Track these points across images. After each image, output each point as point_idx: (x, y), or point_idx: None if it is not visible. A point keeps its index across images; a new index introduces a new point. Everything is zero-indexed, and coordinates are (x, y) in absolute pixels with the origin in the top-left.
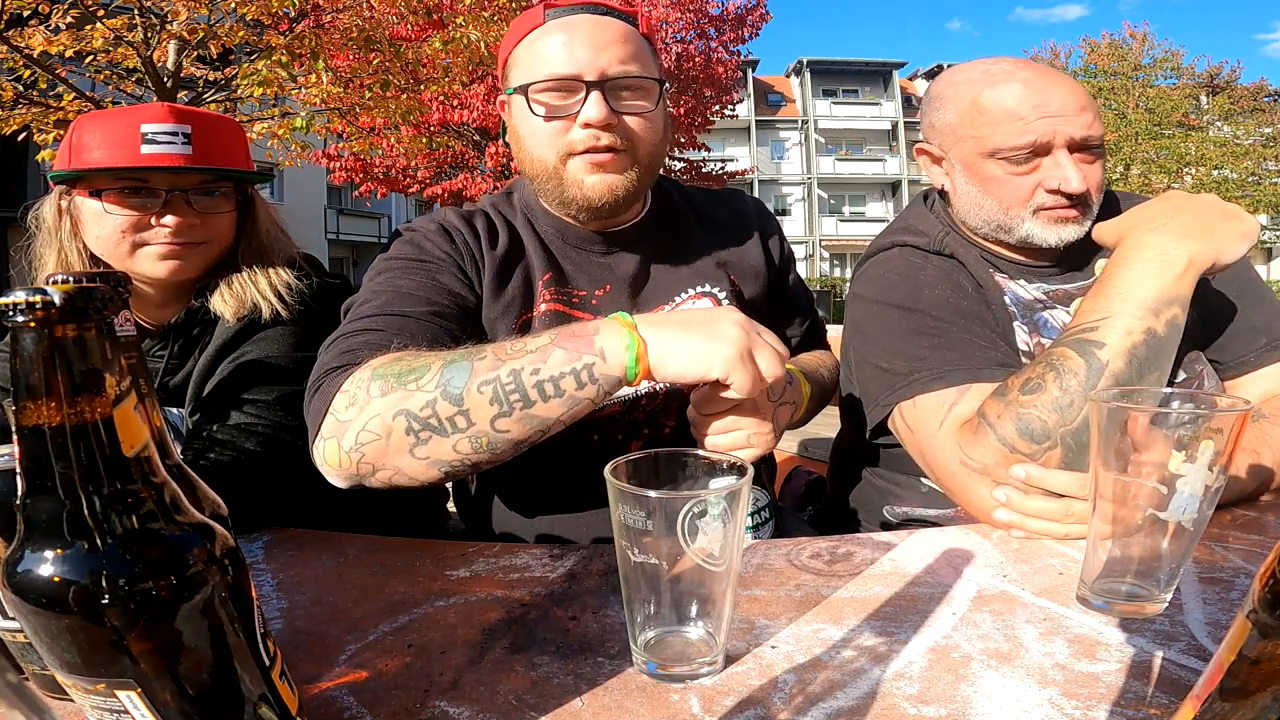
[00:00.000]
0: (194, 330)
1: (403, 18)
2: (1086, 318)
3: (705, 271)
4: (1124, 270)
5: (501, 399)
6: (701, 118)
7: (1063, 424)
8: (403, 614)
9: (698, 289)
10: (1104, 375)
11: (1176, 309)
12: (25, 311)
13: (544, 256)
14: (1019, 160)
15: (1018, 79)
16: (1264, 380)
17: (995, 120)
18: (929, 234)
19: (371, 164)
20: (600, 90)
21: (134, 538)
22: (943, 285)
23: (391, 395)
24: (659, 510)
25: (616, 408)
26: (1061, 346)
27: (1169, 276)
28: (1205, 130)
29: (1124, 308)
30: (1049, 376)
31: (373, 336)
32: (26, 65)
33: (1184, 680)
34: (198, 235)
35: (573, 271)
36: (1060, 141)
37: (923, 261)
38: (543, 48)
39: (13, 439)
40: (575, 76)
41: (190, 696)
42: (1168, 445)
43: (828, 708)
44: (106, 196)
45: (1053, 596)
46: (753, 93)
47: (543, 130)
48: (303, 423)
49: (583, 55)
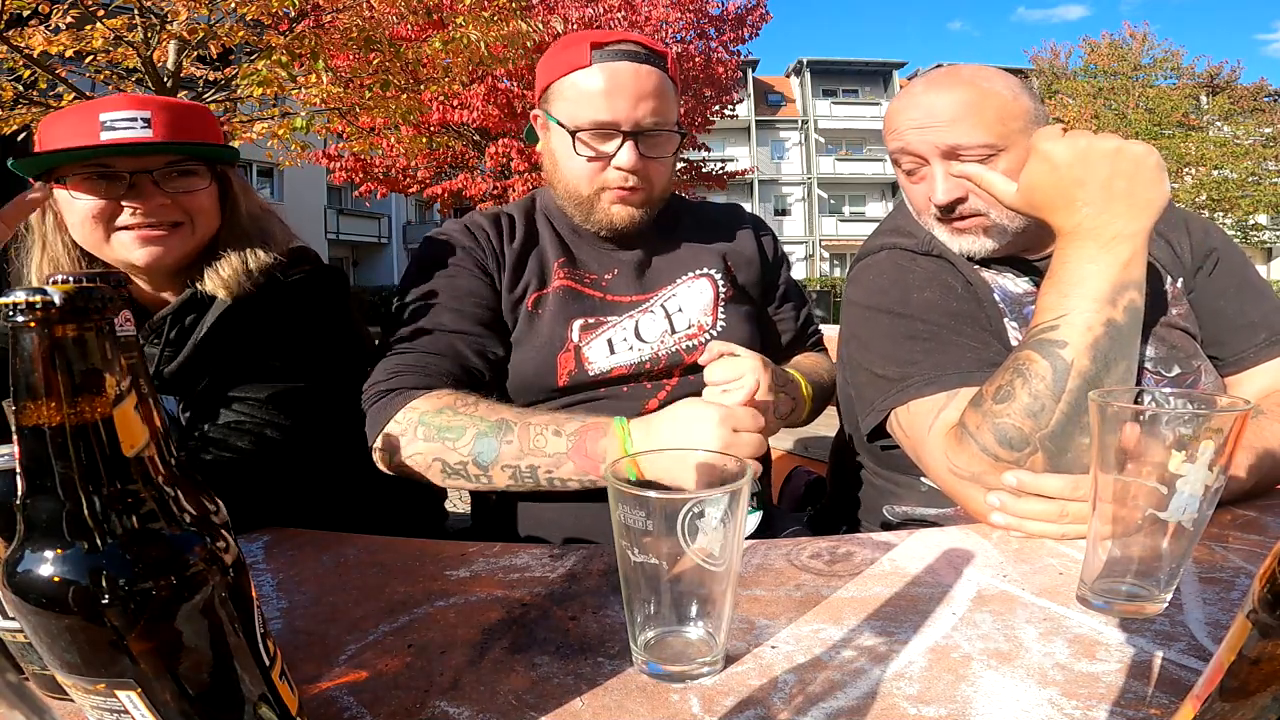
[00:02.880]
0: (188, 318)
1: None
2: (1045, 316)
3: (702, 257)
4: (1070, 265)
5: (519, 479)
6: (701, 118)
7: (1038, 429)
8: (403, 614)
9: (696, 271)
10: (1070, 374)
11: (1133, 293)
12: (25, 311)
13: (558, 244)
14: (908, 170)
15: (910, 92)
16: (1263, 376)
17: (889, 131)
18: (916, 235)
19: (371, 164)
20: (634, 140)
21: (134, 538)
22: (932, 287)
23: (432, 444)
24: (659, 510)
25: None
26: (1026, 350)
27: (1118, 264)
28: (1205, 130)
29: (1080, 303)
30: (1017, 383)
31: (410, 358)
32: (26, 65)
33: (1184, 680)
34: (170, 216)
35: (585, 258)
36: (927, 151)
37: (910, 264)
38: (588, 91)
39: (13, 439)
40: (614, 124)
41: (190, 696)
42: (1167, 445)
43: (828, 708)
44: (71, 183)
45: (1053, 596)
46: (753, 93)
47: (582, 167)
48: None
49: (623, 107)
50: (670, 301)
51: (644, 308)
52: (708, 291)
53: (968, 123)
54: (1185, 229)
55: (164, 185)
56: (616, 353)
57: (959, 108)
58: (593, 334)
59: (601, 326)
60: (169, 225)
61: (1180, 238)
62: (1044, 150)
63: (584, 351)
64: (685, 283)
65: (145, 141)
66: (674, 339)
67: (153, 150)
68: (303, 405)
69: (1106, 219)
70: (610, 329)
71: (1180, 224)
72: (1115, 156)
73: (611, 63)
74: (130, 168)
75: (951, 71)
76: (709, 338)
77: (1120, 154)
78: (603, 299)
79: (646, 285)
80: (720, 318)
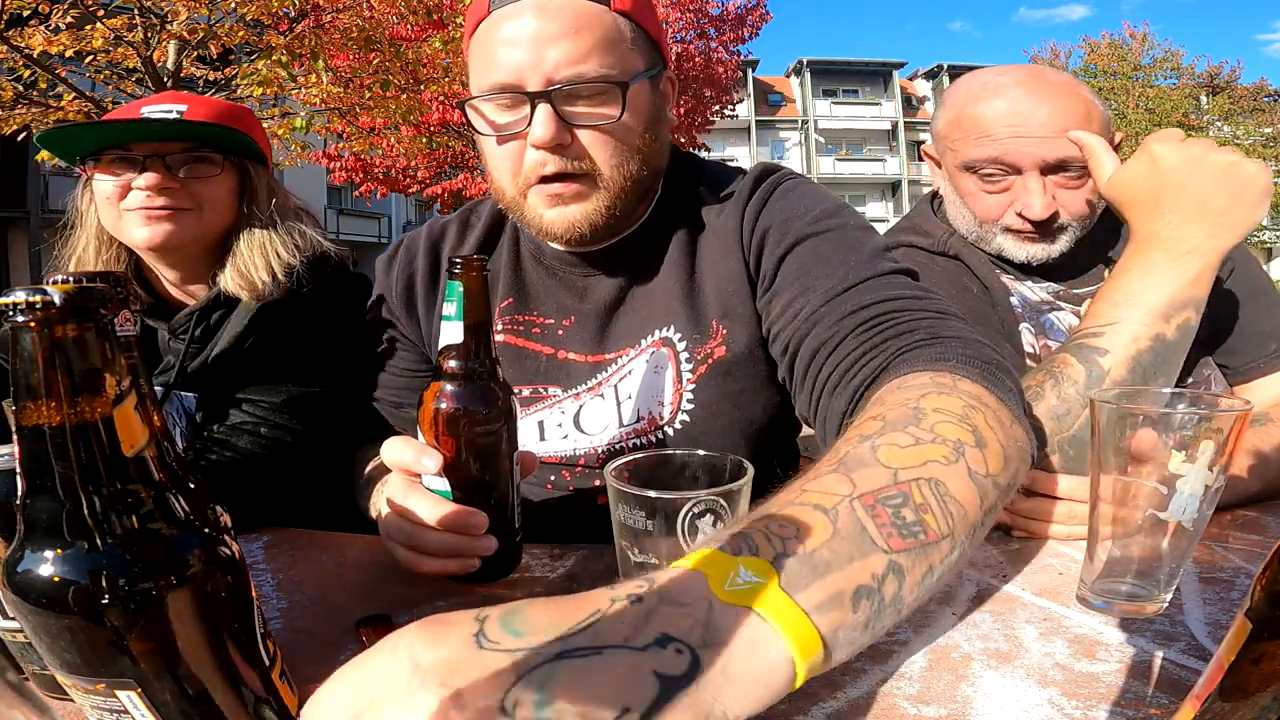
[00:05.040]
0: (213, 316)
1: (403, 18)
2: (1093, 322)
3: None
4: (1133, 274)
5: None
6: (701, 118)
7: (1058, 431)
8: (403, 614)
9: (659, 333)
10: (1105, 382)
11: (1190, 311)
12: (25, 311)
13: (510, 278)
14: (990, 178)
15: (1006, 95)
16: (1273, 385)
17: (970, 135)
18: (933, 235)
19: (371, 164)
20: (547, 101)
21: (134, 538)
22: (946, 287)
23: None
24: (659, 510)
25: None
26: (1064, 353)
27: (1183, 281)
28: (1205, 130)
29: (1133, 314)
30: (1048, 384)
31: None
32: (26, 65)
33: (1184, 680)
34: (178, 200)
35: (540, 295)
36: (1029, 164)
37: (927, 262)
38: (486, 49)
39: (13, 439)
40: (515, 85)
41: (190, 696)
42: (1168, 445)
43: (828, 708)
44: (97, 166)
45: (1053, 596)
46: (753, 93)
47: (496, 155)
48: (306, 426)
49: (526, 55)
50: (624, 382)
51: (595, 383)
52: (665, 369)
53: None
54: None
55: (176, 170)
56: (547, 439)
57: (1066, 119)
58: (526, 410)
59: (538, 403)
60: (175, 209)
61: None
62: (1154, 150)
63: None
64: (647, 351)
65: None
66: (620, 432)
67: (168, 135)
68: (316, 410)
69: (1188, 232)
70: (546, 408)
71: None
72: (1226, 172)
73: (507, 6)
74: (146, 151)
75: (1040, 75)
76: (659, 437)
77: (1232, 170)
78: (551, 357)
79: (608, 345)
80: (684, 410)
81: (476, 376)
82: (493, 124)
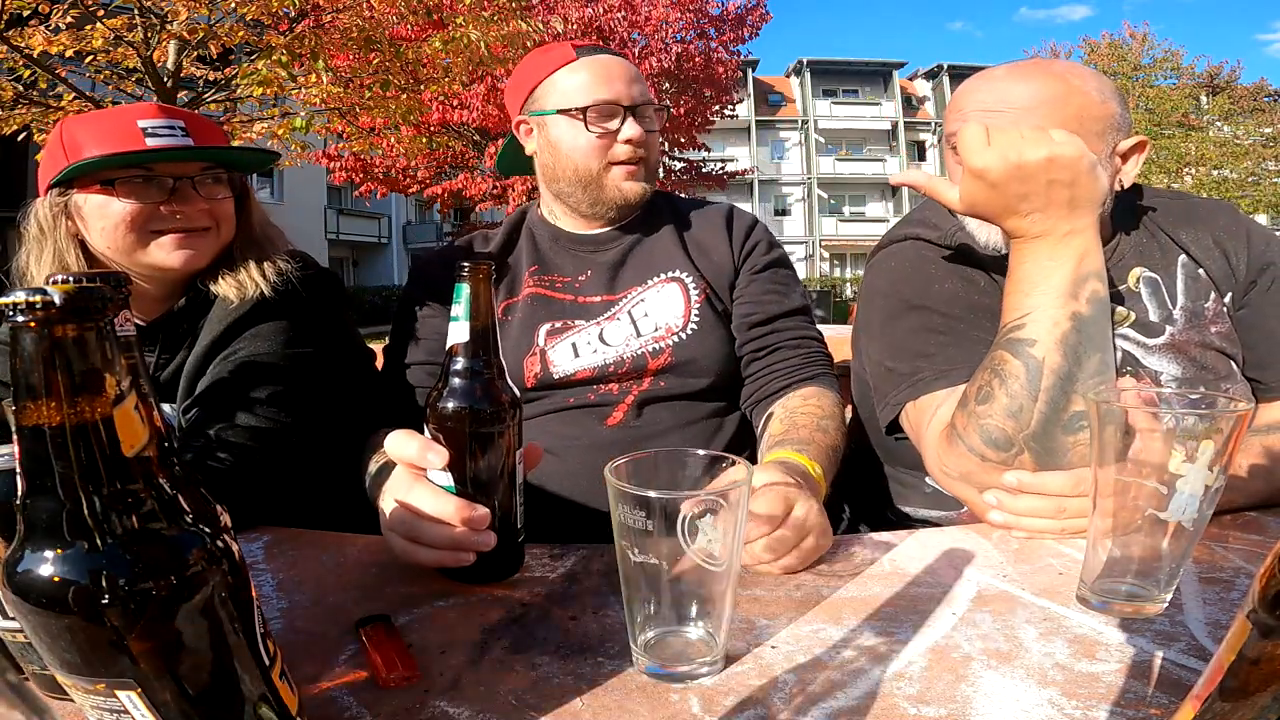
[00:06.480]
0: (181, 326)
1: (403, 18)
2: (1011, 316)
3: (675, 260)
4: (1027, 265)
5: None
6: (701, 118)
7: (1020, 429)
8: (403, 614)
9: (666, 275)
10: (1043, 372)
11: (1094, 283)
12: (25, 311)
13: (533, 253)
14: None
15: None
16: None
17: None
18: (941, 227)
19: (371, 164)
20: (634, 115)
21: (134, 538)
22: (953, 279)
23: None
24: (659, 510)
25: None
26: (999, 350)
27: (1076, 257)
28: (1205, 130)
29: (1043, 299)
30: (995, 383)
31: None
32: (26, 65)
33: (1184, 680)
34: (204, 222)
35: (560, 263)
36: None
37: (935, 254)
38: (585, 79)
39: (13, 439)
40: (616, 102)
41: (190, 696)
42: (1167, 445)
43: (828, 708)
44: (119, 187)
45: (1053, 596)
46: (753, 93)
47: (591, 145)
48: (296, 421)
49: (620, 87)
50: (637, 307)
51: (611, 313)
52: (677, 296)
53: (1042, 115)
54: (1246, 240)
55: (200, 191)
56: (580, 356)
57: (1038, 98)
58: (558, 338)
59: (568, 331)
60: (201, 230)
61: (1239, 248)
62: (977, 168)
63: (549, 355)
64: (655, 286)
65: (190, 147)
66: (639, 342)
67: (193, 156)
68: (302, 405)
69: (1054, 221)
70: (576, 333)
71: (1242, 234)
72: (1049, 168)
73: (592, 56)
74: (173, 173)
75: (1041, 62)
76: (677, 340)
77: (1053, 164)
78: (573, 301)
79: (617, 287)
80: (693, 321)
81: (482, 375)
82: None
